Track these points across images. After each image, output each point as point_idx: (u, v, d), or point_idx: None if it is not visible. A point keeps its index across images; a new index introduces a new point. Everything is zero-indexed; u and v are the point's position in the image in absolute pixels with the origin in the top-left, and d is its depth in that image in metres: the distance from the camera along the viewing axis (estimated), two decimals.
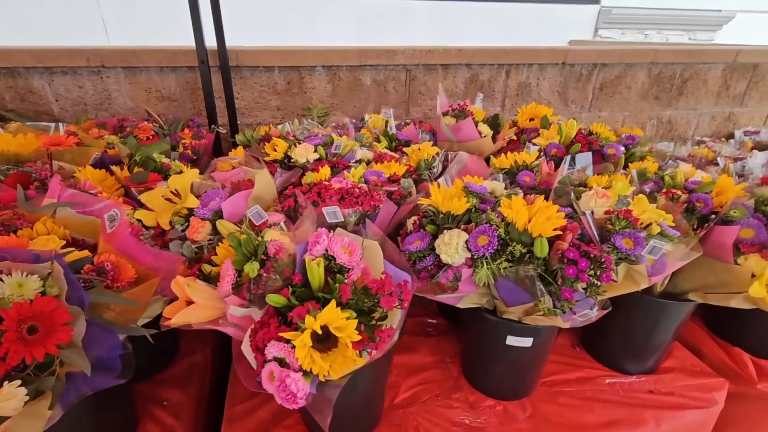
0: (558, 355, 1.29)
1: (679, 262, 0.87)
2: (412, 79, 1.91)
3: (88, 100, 1.66)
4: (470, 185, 0.93)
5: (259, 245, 0.73)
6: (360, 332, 0.63)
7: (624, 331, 1.19)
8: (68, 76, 1.60)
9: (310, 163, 1.17)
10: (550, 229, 0.80)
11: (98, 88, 1.65)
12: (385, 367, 1.00)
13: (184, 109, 1.74)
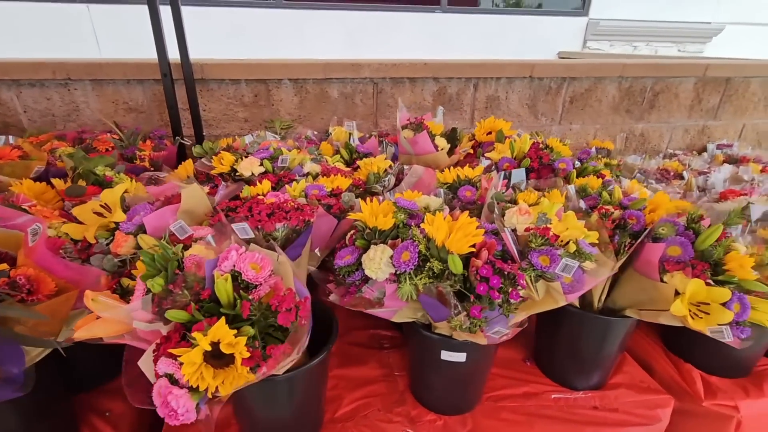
0: (507, 369, 1.29)
1: (597, 280, 0.87)
2: (380, 92, 1.93)
3: (56, 112, 1.69)
4: (399, 200, 0.95)
5: (170, 260, 0.74)
6: (254, 349, 0.64)
7: (569, 346, 1.19)
8: (36, 89, 1.63)
9: (256, 176, 1.18)
10: (466, 246, 0.81)
11: (66, 100, 1.68)
12: (317, 381, 1.01)
13: (151, 120, 1.77)
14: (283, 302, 0.67)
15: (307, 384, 0.92)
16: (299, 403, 0.95)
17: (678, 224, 0.98)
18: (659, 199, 1.06)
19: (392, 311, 0.97)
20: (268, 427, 0.97)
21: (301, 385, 0.90)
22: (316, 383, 0.99)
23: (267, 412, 0.92)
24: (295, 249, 0.98)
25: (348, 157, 1.59)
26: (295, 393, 0.91)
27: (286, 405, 0.91)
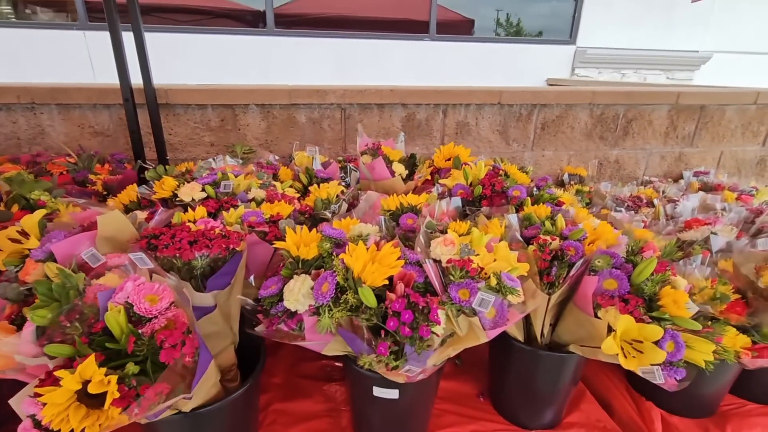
0: (459, 404, 1.23)
1: (521, 314, 0.83)
2: (348, 117, 1.94)
3: (21, 135, 1.70)
4: (325, 229, 0.92)
5: (68, 290, 0.71)
6: (129, 388, 0.60)
7: (517, 382, 1.14)
8: (2, 112, 1.65)
9: (196, 202, 1.17)
10: (380, 278, 0.78)
11: (31, 124, 1.69)
12: (239, 418, 0.96)
13: (117, 144, 1.78)
14: (169, 337, 0.64)
15: (226, 421, 0.87)
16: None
17: (616, 256, 0.94)
18: (602, 229, 1.03)
19: (322, 344, 0.93)
20: None
21: (218, 422, 0.85)
22: (239, 420, 0.94)
23: None
24: (221, 278, 0.95)
25: (307, 182, 1.58)
26: (211, 430, 0.87)
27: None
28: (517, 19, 5.35)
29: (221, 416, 0.86)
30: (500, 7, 5.29)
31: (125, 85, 1.55)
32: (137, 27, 1.52)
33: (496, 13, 5.33)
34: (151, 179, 1.40)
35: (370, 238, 0.90)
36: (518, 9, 5.25)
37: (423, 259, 0.83)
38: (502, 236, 1.04)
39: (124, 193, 1.22)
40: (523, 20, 5.35)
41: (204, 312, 0.95)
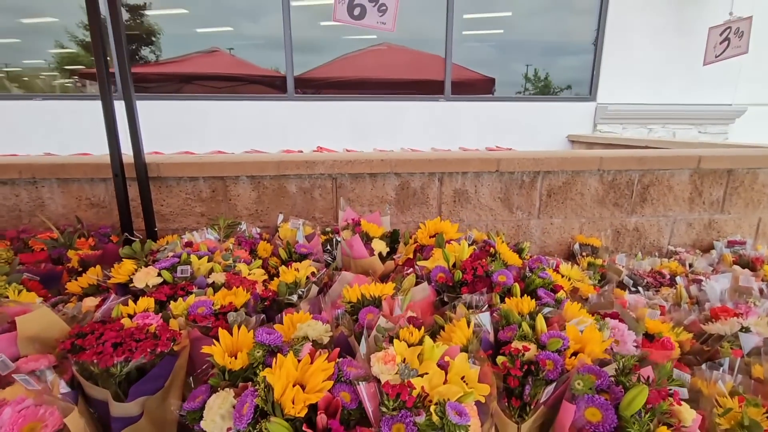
0: None
1: None
2: (339, 186, 1.90)
3: (22, 207, 1.76)
4: (259, 333, 0.82)
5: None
6: None
7: None
8: (7, 186, 1.73)
9: (150, 288, 1.11)
10: (300, 405, 0.66)
11: (33, 196, 1.75)
12: None
13: (112, 215, 1.80)
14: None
15: None
16: None
17: (602, 376, 0.78)
18: (588, 336, 0.87)
19: None
20: None
21: None
22: None
23: None
24: (148, 383, 0.86)
25: (286, 257, 1.51)
26: None
27: None
28: (545, 74, 5.35)
29: None
30: (530, 61, 5.30)
31: (116, 160, 1.59)
32: (129, 99, 1.58)
33: (526, 68, 5.35)
34: (126, 256, 1.38)
35: (305, 347, 0.79)
36: (548, 63, 5.23)
37: (356, 381, 0.71)
38: (468, 341, 0.90)
39: (84, 277, 1.18)
40: (552, 74, 5.32)
41: (127, 423, 0.85)
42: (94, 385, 0.82)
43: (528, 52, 5.28)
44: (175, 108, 4.71)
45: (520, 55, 5.28)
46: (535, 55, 5.25)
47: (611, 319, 1.17)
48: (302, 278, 1.25)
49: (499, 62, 5.28)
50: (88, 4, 1.43)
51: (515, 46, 5.27)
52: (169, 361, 0.89)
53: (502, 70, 5.32)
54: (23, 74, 4.93)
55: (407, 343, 0.81)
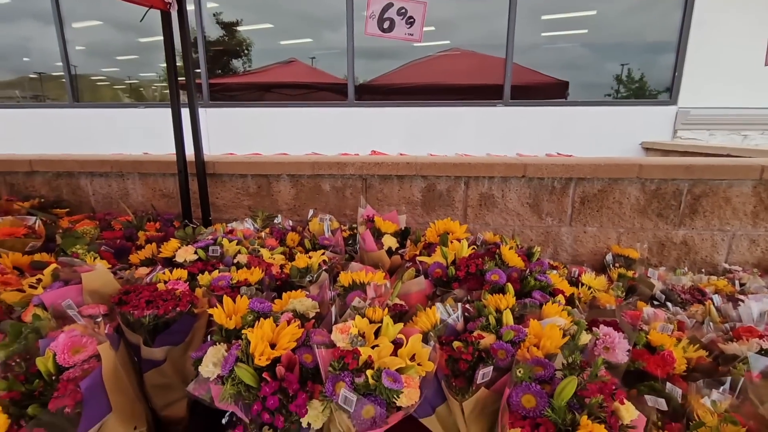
0: None
1: (402, 415, 0.76)
2: (369, 186, 2.04)
3: (113, 195, 2.16)
4: (253, 303, 0.99)
5: (29, 334, 0.89)
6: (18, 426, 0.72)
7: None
8: (102, 178, 2.14)
9: (188, 263, 1.34)
10: (265, 357, 0.81)
11: (120, 187, 2.15)
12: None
13: (178, 205, 2.13)
14: (61, 388, 0.75)
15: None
16: None
17: (548, 367, 0.82)
18: (548, 332, 0.90)
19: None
20: None
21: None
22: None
23: None
24: (171, 335, 1.07)
25: (311, 248, 1.68)
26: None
27: None
28: (639, 74, 4.96)
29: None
30: (610, 61, 4.95)
31: (181, 159, 1.89)
32: (192, 107, 1.87)
33: (621, 68, 5.02)
34: (179, 238, 1.65)
35: (283, 315, 0.94)
36: (646, 63, 4.86)
37: (316, 345, 0.84)
38: (433, 326, 0.98)
39: (142, 251, 1.46)
40: (648, 75, 4.91)
41: (154, 365, 1.07)
42: (132, 332, 1.05)
43: (606, 52, 4.96)
44: (256, 114, 5.22)
45: (601, 55, 4.97)
46: (616, 55, 4.91)
47: (606, 326, 1.16)
48: (314, 264, 1.41)
49: (578, 64, 5.02)
50: (163, 26, 1.72)
51: (596, 46, 5.00)
52: (189, 319, 1.09)
53: (576, 72, 5.07)
54: (141, 85, 5.84)
55: (369, 320, 0.92)
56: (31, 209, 1.81)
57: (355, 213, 2.09)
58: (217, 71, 5.66)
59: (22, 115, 5.36)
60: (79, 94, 5.40)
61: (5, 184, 2.18)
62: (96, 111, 5.29)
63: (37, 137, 5.14)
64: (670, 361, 1.12)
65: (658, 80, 4.83)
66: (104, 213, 1.90)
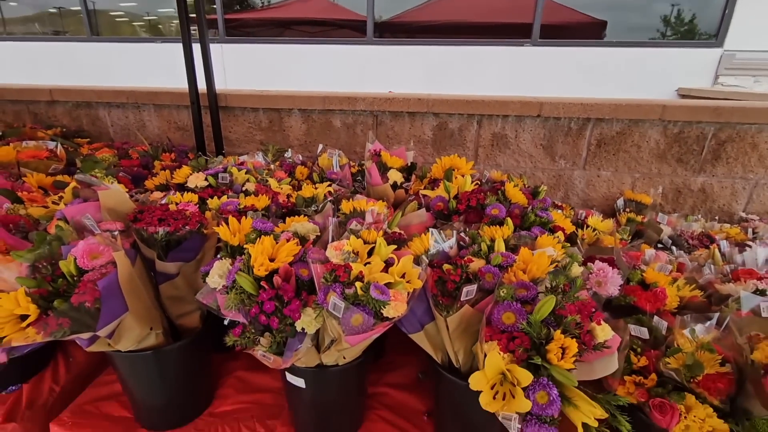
0: (400, 417, 1.23)
1: (387, 325, 0.82)
2: (380, 123, 2.02)
3: (130, 127, 2.22)
4: (256, 223, 1.04)
5: (52, 242, 0.98)
6: (46, 315, 0.81)
7: (444, 407, 1.09)
8: (120, 109, 2.18)
9: (199, 189, 1.40)
10: (263, 269, 0.86)
11: (137, 118, 2.19)
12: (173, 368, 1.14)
13: (193, 138, 2.18)
14: (81, 286, 0.83)
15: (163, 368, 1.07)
16: (172, 381, 1.10)
17: (531, 289, 0.85)
18: (537, 258, 0.92)
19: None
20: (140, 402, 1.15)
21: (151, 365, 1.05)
22: (180, 372, 1.12)
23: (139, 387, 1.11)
24: (182, 252, 1.15)
25: (319, 181, 1.71)
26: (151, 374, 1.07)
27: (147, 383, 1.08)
28: (691, 15, 4.53)
29: (153, 361, 1.05)
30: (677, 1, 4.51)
31: (193, 90, 1.90)
32: (203, 41, 1.85)
33: (671, 9, 4.59)
34: (192, 167, 1.71)
35: (283, 234, 0.99)
36: (699, 3, 4.42)
37: (312, 261, 0.89)
38: (426, 251, 1.01)
39: (157, 178, 1.52)
40: (700, 16, 4.47)
41: (167, 278, 1.16)
42: (147, 246, 1.13)
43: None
44: (273, 51, 5.08)
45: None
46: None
47: (601, 262, 1.17)
48: (320, 195, 1.44)
49: (620, 3, 4.58)
50: None
51: None
52: (199, 239, 1.16)
53: (617, 12, 4.65)
54: (159, 21, 5.72)
55: (364, 241, 0.96)
56: (54, 137, 1.88)
57: (365, 151, 2.09)
58: (234, 7, 5.46)
59: (42, 48, 5.38)
60: (98, 29, 5.34)
61: (29, 113, 2.25)
62: (113, 45, 5.25)
63: (57, 70, 5.19)
64: (661, 297, 1.14)
65: (709, 22, 4.41)
66: (122, 142, 1.96)
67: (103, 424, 1.16)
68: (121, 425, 1.17)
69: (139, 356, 1.04)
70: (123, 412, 1.21)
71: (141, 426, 1.17)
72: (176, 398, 1.16)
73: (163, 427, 1.16)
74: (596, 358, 0.81)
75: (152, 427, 1.16)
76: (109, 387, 1.29)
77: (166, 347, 1.06)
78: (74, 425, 1.14)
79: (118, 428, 1.16)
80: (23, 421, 1.18)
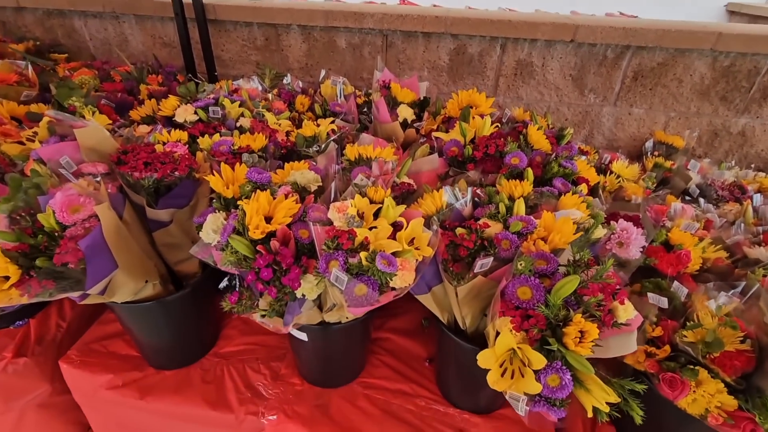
0: (402, 363, 1.24)
1: (393, 296, 0.77)
2: (390, 45, 1.79)
3: (111, 41, 1.99)
4: (250, 173, 0.93)
5: (29, 189, 0.89)
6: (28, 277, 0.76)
7: (444, 361, 1.10)
8: (97, 20, 1.94)
9: (188, 123, 1.27)
10: (259, 231, 0.79)
11: (118, 32, 1.95)
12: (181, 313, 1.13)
13: (181, 56, 1.96)
14: (63, 245, 0.77)
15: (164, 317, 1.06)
16: (175, 327, 1.10)
17: (552, 261, 0.77)
18: (560, 226, 0.83)
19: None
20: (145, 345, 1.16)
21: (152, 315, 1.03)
22: (181, 318, 1.11)
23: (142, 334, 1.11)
24: (173, 199, 1.06)
25: (321, 114, 1.56)
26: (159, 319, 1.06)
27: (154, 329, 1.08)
28: None
29: (152, 311, 1.03)
30: None
31: (176, 0, 1.65)
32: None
33: None
34: (181, 94, 1.54)
35: (281, 189, 0.89)
36: None
37: (312, 222, 0.81)
38: (438, 210, 0.92)
39: (142, 108, 1.38)
40: None
41: (160, 225, 1.09)
42: (134, 192, 1.04)
43: None
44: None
45: None
46: None
47: (625, 221, 1.08)
48: (322, 133, 1.31)
49: None
50: None
51: None
52: (190, 184, 1.07)
53: None
54: None
55: (370, 200, 0.86)
56: (27, 53, 1.69)
57: (372, 77, 1.88)
58: None
59: None
60: None
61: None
62: None
63: None
64: (684, 260, 1.07)
65: None
66: (102, 61, 1.76)
67: (110, 363, 1.19)
68: (129, 363, 1.20)
69: (137, 307, 1.01)
70: (129, 350, 1.23)
71: (148, 365, 1.20)
72: (180, 342, 1.17)
73: (170, 367, 1.19)
74: (612, 335, 0.76)
75: (159, 367, 1.19)
76: (115, 324, 1.30)
77: (166, 298, 1.03)
78: (82, 363, 1.17)
79: (125, 366, 1.19)
80: (34, 356, 1.21)
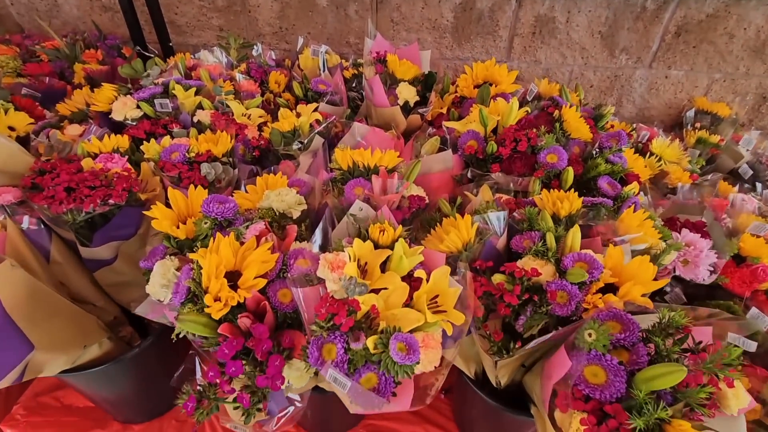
0: None
1: (409, 384, 0.56)
2: (381, 1, 1.46)
3: (39, 7, 1.62)
4: (207, 206, 0.68)
5: None
6: None
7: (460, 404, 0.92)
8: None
9: (131, 121, 0.99)
10: (217, 307, 0.55)
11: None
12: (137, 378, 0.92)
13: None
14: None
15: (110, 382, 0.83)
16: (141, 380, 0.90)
17: (632, 328, 0.56)
18: (634, 269, 0.61)
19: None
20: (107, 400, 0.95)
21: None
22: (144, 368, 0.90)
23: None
24: (113, 230, 0.81)
25: (301, 94, 1.27)
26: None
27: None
28: None
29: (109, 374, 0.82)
30: None
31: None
32: None
33: None
34: (125, 75, 1.23)
35: (250, 228, 0.64)
36: None
37: (294, 283, 0.57)
38: (465, 246, 0.69)
39: (71, 101, 1.08)
40: None
41: (102, 264, 0.84)
42: (57, 227, 0.79)
43: None
44: None
45: None
46: None
47: (689, 231, 0.87)
48: (304, 125, 1.04)
49: None
50: None
51: None
52: (133, 211, 0.81)
53: None
54: None
55: (374, 243, 0.63)
56: None
57: (361, 42, 1.57)
58: None
59: None
60: None
61: None
62: None
63: None
64: (761, 278, 0.87)
65: None
66: (23, 35, 1.42)
67: (65, 420, 0.98)
68: (89, 418, 0.99)
69: (83, 375, 0.79)
70: (88, 402, 1.02)
71: (112, 419, 1.00)
72: (147, 392, 0.97)
73: (138, 420, 0.99)
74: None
75: (126, 421, 0.99)
76: None
77: (125, 355, 0.81)
78: (29, 426, 0.96)
79: (85, 423, 0.99)
80: None
